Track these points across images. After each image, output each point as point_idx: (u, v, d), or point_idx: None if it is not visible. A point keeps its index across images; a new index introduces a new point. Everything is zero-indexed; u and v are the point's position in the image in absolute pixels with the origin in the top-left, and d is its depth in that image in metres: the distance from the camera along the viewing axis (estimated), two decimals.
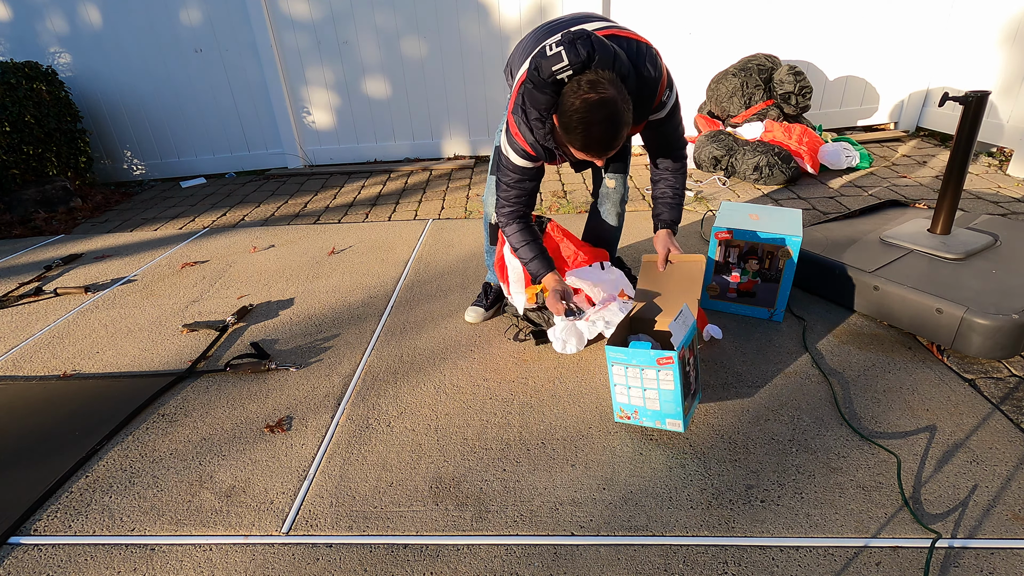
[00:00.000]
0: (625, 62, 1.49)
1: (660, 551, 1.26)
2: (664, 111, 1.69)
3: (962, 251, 2.06)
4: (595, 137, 1.43)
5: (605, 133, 1.42)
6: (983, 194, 3.09)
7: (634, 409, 1.58)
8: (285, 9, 4.18)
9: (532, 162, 1.72)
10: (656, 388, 1.50)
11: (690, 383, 1.57)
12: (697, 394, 1.66)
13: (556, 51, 1.40)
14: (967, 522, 1.28)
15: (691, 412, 1.60)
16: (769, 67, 3.84)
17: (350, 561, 1.29)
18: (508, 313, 2.23)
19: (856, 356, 1.87)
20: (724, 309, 2.16)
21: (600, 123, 1.40)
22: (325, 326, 2.28)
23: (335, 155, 4.70)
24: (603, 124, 1.41)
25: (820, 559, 1.22)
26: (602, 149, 1.47)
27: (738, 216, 2.10)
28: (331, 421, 1.74)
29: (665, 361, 1.44)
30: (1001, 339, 1.72)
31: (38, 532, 1.43)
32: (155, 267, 3.00)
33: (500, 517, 1.37)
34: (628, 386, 1.54)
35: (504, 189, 1.79)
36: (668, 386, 1.47)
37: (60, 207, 3.99)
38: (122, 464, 1.63)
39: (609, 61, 1.43)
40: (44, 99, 4.00)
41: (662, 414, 1.54)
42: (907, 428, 1.56)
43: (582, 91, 1.39)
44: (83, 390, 1.99)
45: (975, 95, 1.96)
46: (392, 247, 3.02)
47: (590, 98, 1.38)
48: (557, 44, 1.41)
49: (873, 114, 4.43)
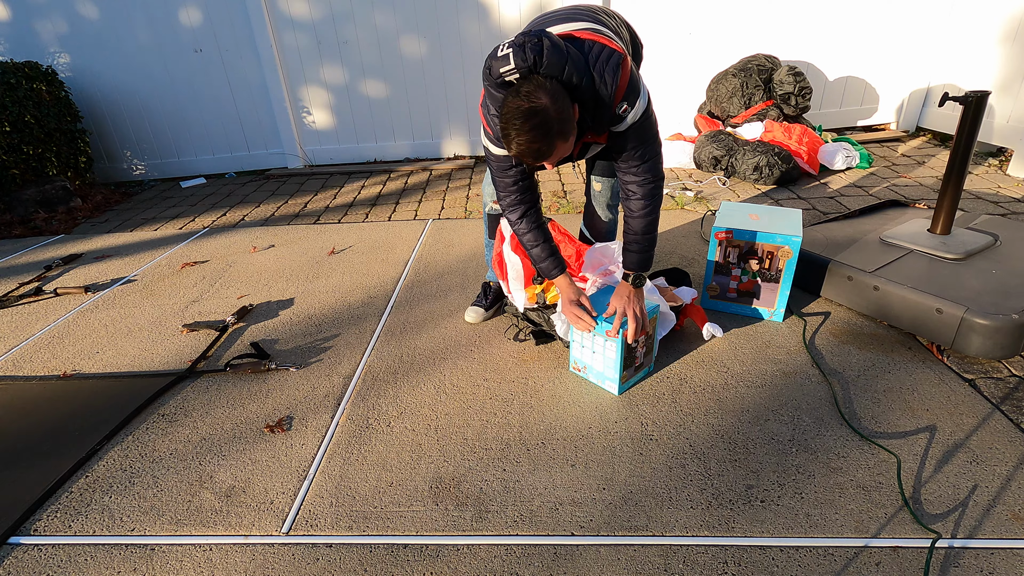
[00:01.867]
0: (581, 68, 1.44)
1: (660, 551, 1.26)
2: (623, 125, 1.56)
3: (962, 251, 2.06)
4: (523, 144, 1.40)
5: (533, 141, 1.39)
6: (983, 194, 3.10)
7: (584, 364, 1.84)
8: (285, 9, 4.18)
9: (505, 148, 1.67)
10: (602, 353, 1.74)
11: (635, 357, 1.77)
12: (644, 369, 1.85)
13: (505, 53, 1.40)
14: (967, 522, 1.28)
15: (632, 382, 1.81)
16: (769, 68, 3.84)
17: (350, 561, 1.29)
18: (508, 313, 2.23)
19: (856, 356, 1.87)
20: (724, 309, 2.16)
21: (529, 131, 1.38)
22: (325, 326, 2.28)
23: (335, 155, 4.70)
24: (532, 132, 1.38)
25: (820, 559, 1.22)
26: (532, 156, 1.44)
27: (738, 216, 2.10)
28: (331, 421, 1.74)
29: (611, 334, 1.68)
30: (1001, 339, 1.72)
31: (38, 532, 1.43)
32: (155, 267, 3.00)
33: (500, 517, 1.37)
34: (582, 344, 1.80)
35: (497, 179, 1.76)
36: (611, 354, 1.72)
37: (60, 207, 3.99)
38: (122, 464, 1.63)
39: (558, 67, 1.40)
40: (44, 99, 4.00)
41: (603, 375, 1.78)
42: (907, 428, 1.56)
43: (516, 99, 1.38)
44: (83, 390, 1.99)
45: (975, 95, 1.96)
46: (392, 247, 3.02)
47: (521, 105, 1.36)
48: (507, 46, 1.40)
49: (873, 114, 4.43)
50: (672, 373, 1.84)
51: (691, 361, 1.90)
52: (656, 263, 2.56)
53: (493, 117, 1.60)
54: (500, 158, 1.70)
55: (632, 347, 1.73)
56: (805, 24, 4.09)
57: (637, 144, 1.61)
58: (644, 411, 1.69)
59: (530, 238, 1.79)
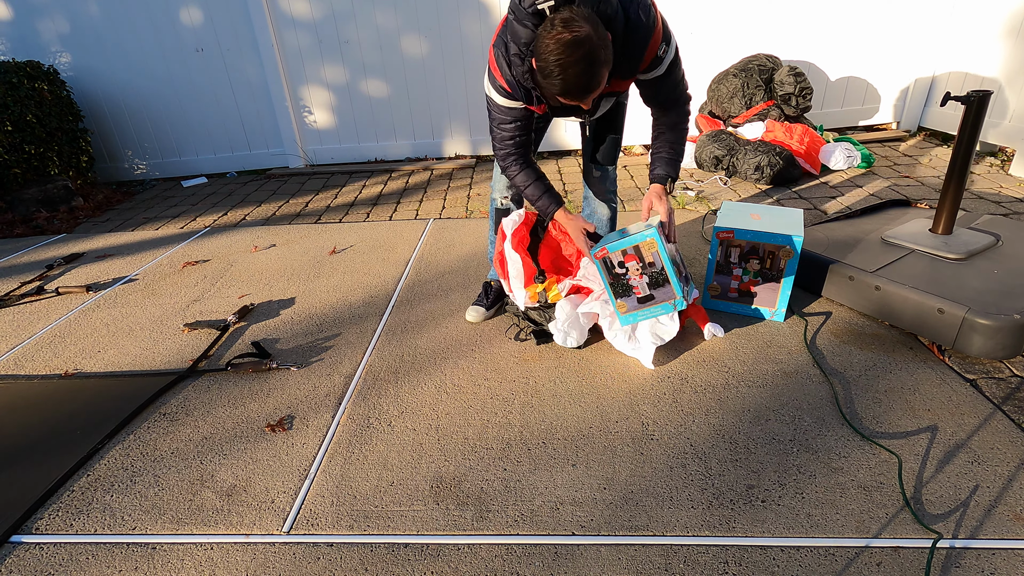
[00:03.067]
0: (614, 3, 1.43)
1: (661, 551, 1.26)
2: (661, 68, 1.61)
3: (964, 251, 2.05)
4: (571, 78, 1.37)
5: (581, 75, 1.36)
6: (985, 194, 3.09)
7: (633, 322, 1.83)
8: (286, 8, 4.18)
9: (513, 101, 1.65)
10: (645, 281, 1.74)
11: (678, 265, 1.78)
12: (690, 282, 1.86)
13: None
14: (968, 522, 1.28)
15: (691, 294, 1.82)
16: (770, 67, 3.83)
17: (351, 560, 1.29)
18: (509, 312, 2.23)
19: (857, 356, 1.87)
20: (725, 309, 2.16)
21: (576, 63, 1.34)
22: (326, 325, 2.29)
23: (336, 155, 4.70)
24: (579, 64, 1.34)
25: (821, 559, 1.22)
26: (581, 92, 1.41)
27: (739, 215, 2.10)
28: (332, 420, 1.74)
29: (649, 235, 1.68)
30: (1003, 339, 1.72)
31: (39, 531, 1.43)
32: (156, 266, 3.00)
33: (501, 516, 1.37)
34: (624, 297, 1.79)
35: (497, 133, 1.74)
36: (661, 263, 1.70)
37: (62, 206, 4.00)
38: (123, 463, 1.63)
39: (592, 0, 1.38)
40: (46, 98, 4.00)
41: (657, 308, 1.78)
42: (908, 428, 1.56)
43: (556, 31, 1.33)
44: (84, 389, 1.99)
45: (977, 95, 1.95)
46: (393, 246, 3.02)
47: (563, 37, 1.32)
48: None
49: (875, 114, 4.42)
50: (673, 373, 1.84)
51: (692, 361, 1.90)
52: None
53: (514, 57, 1.53)
54: (504, 110, 1.67)
55: (674, 258, 1.71)
56: (806, 24, 4.08)
57: (676, 80, 1.70)
58: (645, 411, 1.68)
59: (521, 178, 1.81)
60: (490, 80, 1.66)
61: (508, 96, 1.64)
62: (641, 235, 1.69)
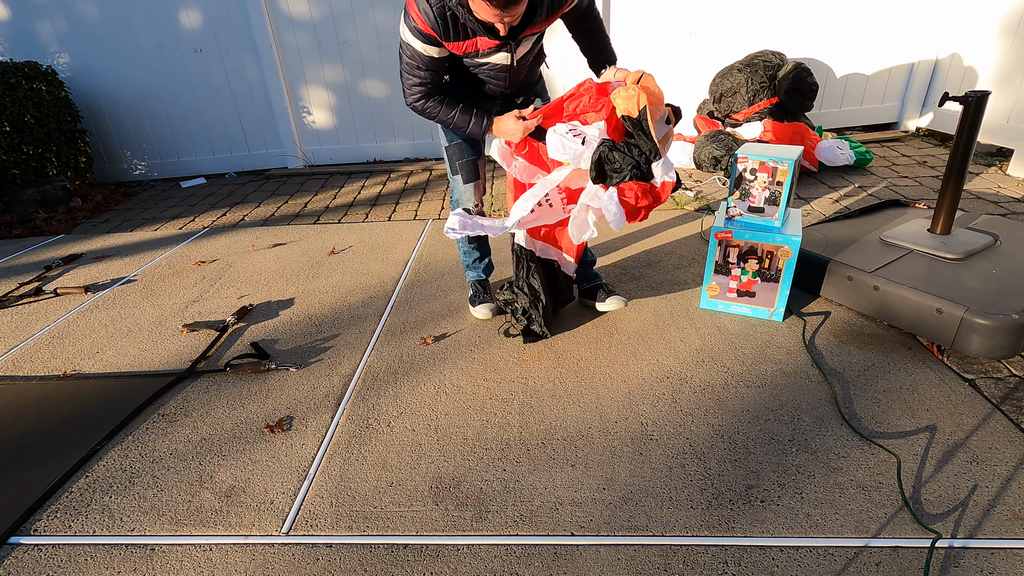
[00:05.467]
0: None
1: (660, 551, 1.26)
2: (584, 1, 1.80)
3: (962, 251, 2.06)
4: None
5: None
6: (983, 194, 3.09)
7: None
8: (285, 9, 4.18)
9: (432, 46, 1.67)
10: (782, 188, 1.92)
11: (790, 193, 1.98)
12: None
13: None
14: (967, 522, 1.28)
15: None
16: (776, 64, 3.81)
17: (350, 561, 1.29)
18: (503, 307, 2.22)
19: (856, 356, 1.87)
20: (724, 309, 2.16)
21: None
22: (325, 326, 2.28)
23: (335, 155, 4.70)
24: None
25: (820, 559, 1.22)
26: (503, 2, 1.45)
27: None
28: (331, 421, 1.74)
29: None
30: (1001, 339, 1.72)
31: (38, 532, 1.43)
32: (155, 267, 3.00)
33: (500, 517, 1.37)
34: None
35: (408, 79, 1.75)
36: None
37: (60, 207, 3.99)
38: (122, 464, 1.63)
39: None
40: (44, 99, 4.00)
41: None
42: (907, 428, 1.56)
43: None
44: (83, 390, 1.99)
45: (975, 95, 1.96)
46: (392, 247, 3.02)
47: None
48: None
49: (874, 114, 4.42)
50: (672, 373, 1.84)
51: (691, 361, 1.90)
52: (656, 263, 2.57)
53: None
54: (420, 55, 1.69)
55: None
56: (805, 24, 4.09)
57: (594, 13, 1.89)
58: (644, 411, 1.69)
59: (444, 111, 1.81)
60: (407, 23, 1.66)
61: (427, 40, 1.65)
62: (781, 158, 1.92)
